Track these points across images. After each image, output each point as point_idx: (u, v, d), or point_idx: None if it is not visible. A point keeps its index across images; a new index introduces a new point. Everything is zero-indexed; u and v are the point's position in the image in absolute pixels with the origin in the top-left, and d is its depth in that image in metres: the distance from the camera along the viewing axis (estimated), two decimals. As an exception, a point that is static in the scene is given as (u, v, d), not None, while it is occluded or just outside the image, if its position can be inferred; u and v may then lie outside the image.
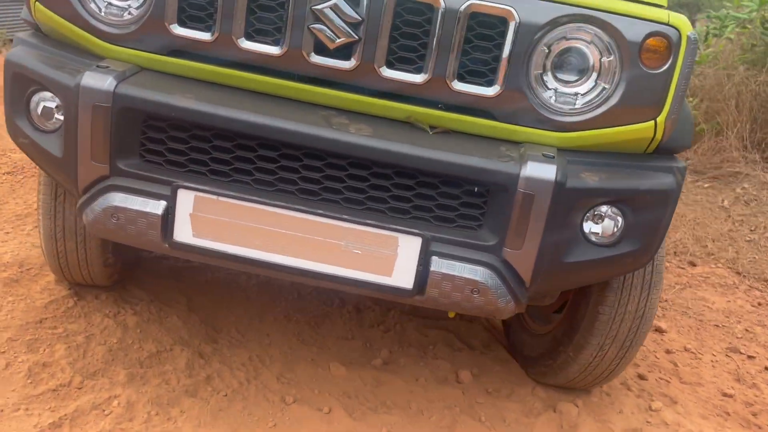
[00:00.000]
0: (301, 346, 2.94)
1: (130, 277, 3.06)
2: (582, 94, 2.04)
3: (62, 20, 2.14)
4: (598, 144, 2.08)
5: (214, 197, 1.99)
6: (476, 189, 1.99)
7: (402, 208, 2.03)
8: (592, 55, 2.01)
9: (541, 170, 1.92)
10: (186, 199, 1.99)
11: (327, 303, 3.34)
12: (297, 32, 1.99)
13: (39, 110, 2.14)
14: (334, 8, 1.95)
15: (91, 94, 1.98)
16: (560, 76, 2.04)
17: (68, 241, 2.57)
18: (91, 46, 2.15)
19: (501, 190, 1.96)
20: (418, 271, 1.98)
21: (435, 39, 1.96)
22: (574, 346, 2.55)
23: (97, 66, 2.04)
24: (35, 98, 2.15)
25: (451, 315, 2.82)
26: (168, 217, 2.01)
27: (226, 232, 2.01)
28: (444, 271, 1.97)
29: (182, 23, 2.06)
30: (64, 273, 2.72)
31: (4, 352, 2.45)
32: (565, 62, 2.03)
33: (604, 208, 2.07)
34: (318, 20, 1.97)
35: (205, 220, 2.00)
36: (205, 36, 2.05)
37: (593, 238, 2.08)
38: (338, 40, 1.97)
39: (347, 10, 1.95)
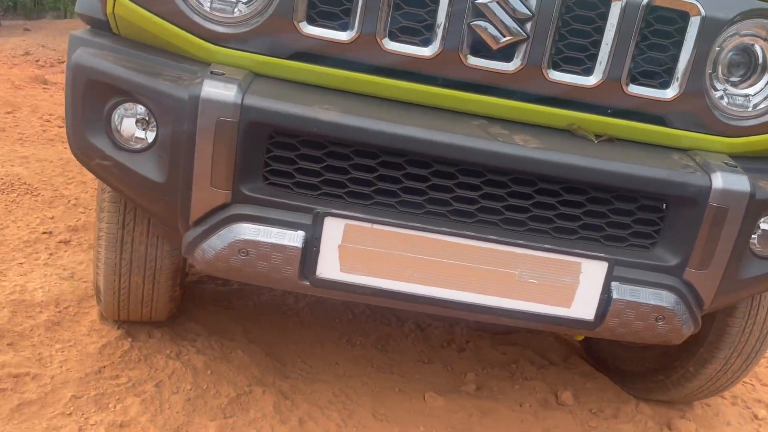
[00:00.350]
0: (379, 374, 2.67)
1: (179, 308, 2.69)
2: (752, 95, 1.87)
3: (154, 17, 1.78)
4: (762, 149, 1.92)
5: (368, 225, 1.69)
6: (662, 204, 1.78)
7: (568, 228, 1.81)
8: (767, 53, 1.84)
9: (735, 181, 1.74)
10: (334, 229, 1.69)
11: (384, 322, 3.07)
12: (454, 31, 1.71)
13: (125, 125, 1.78)
14: (501, 2, 1.69)
15: (214, 107, 1.64)
16: (729, 76, 1.86)
17: (135, 276, 2.19)
18: (189, 48, 1.80)
19: (687, 204, 1.76)
20: (601, 300, 1.75)
21: (611, 36, 1.73)
22: (697, 360, 2.40)
23: (212, 73, 1.70)
24: (120, 111, 1.79)
25: (579, 338, 2.62)
26: (310, 249, 1.70)
27: (380, 265, 1.72)
28: (628, 298, 1.76)
29: (311, 21, 1.74)
30: (120, 311, 2.33)
31: (70, 414, 2.06)
32: (735, 61, 1.85)
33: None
34: (481, 16, 1.70)
35: (356, 251, 1.71)
36: (341, 36, 1.74)
37: (759, 252, 1.91)
38: (504, 39, 1.71)
39: (516, 4, 1.69)
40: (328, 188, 1.76)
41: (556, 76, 1.77)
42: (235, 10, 1.77)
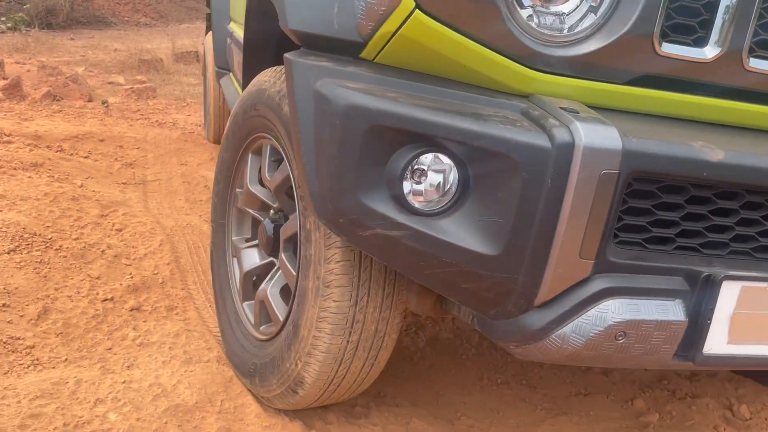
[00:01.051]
0: (556, 419, 2.38)
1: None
2: None
3: (463, 39, 1.35)
4: None
5: (765, 285, 1.40)
6: None
7: None
8: None
9: None
10: (729, 294, 1.38)
11: (500, 349, 2.77)
12: (824, 42, 1.45)
13: (427, 182, 1.36)
14: None
15: (598, 157, 1.26)
16: None
17: (357, 360, 1.73)
18: (500, 77, 1.40)
19: None
20: None
21: None
22: None
23: (565, 110, 1.32)
24: (419, 164, 1.36)
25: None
26: (699, 322, 1.39)
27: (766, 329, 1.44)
28: None
29: (665, 37, 1.40)
30: (320, 399, 1.85)
31: None
32: None
33: None
34: None
35: (747, 318, 1.41)
36: (702, 54, 1.41)
37: None
38: None
39: None
40: (682, 240, 1.44)
41: None
42: (565, 28, 1.38)
